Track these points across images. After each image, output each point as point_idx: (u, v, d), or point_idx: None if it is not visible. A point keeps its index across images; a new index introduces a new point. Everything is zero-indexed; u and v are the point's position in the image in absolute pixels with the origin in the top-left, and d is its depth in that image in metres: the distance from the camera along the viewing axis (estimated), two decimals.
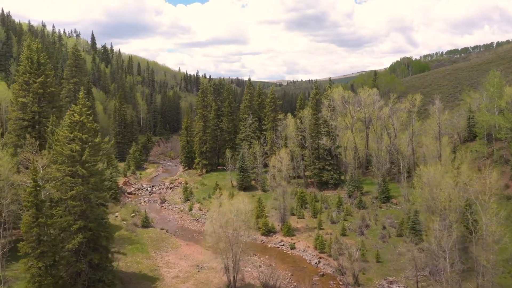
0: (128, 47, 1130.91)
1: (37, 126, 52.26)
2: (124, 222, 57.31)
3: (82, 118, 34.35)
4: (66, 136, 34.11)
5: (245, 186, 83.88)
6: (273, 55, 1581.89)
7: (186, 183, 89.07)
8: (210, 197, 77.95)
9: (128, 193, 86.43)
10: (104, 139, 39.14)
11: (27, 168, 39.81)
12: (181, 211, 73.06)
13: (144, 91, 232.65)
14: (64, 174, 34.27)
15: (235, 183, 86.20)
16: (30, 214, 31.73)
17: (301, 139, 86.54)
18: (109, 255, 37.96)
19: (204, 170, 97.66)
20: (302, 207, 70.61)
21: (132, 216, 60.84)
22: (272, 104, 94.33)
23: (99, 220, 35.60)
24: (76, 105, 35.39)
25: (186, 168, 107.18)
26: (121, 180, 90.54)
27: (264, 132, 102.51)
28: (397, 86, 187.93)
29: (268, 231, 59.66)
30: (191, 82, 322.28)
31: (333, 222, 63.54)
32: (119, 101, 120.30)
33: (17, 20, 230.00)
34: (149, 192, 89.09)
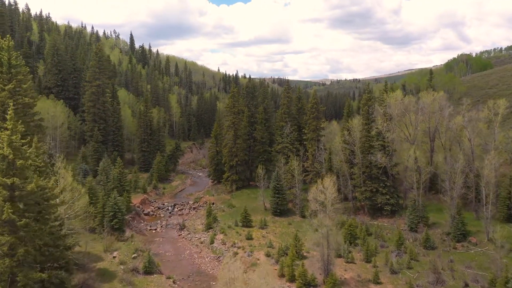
0: (173, 48, 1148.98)
1: None
2: (122, 267, 44.91)
3: (8, 152, 21.65)
4: None
5: (280, 210, 69.76)
6: (316, 54, 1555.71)
7: (211, 204, 76.27)
8: (237, 225, 64.58)
9: (145, 214, 74.77)
10: (50, 181, 26.74)
11: None
12: (201, 243, 60.04)
13: (180, 92, 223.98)
14: None
15: (268, 206, 72.31)
16: None
17: (349, 154, 71.17)
18: None
19: (233, 187, 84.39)
20: (351, 244, 55.60)
21: (134, 258, 48.31)
22: (313, 110, 79.32)
23: None
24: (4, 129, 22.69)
25: (215, 182, 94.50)
26: (138, 198, 79.15)
27: (304, 142, 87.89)
28: (457, 87, 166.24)
29: (307, 284, 45.18)
30: (230, 83, 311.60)
31: (393, 272, 47.99)
32: (144, 105, 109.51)
33: (60, 22, 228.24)
34: (170, 212, 77.04)
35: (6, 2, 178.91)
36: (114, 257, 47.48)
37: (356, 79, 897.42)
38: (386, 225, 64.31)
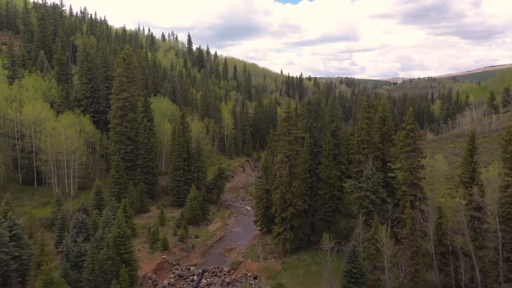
0: (239, 48, 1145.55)
1: None
2: None
3: None
4: None
5: None
6: (385, 51, 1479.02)
7: (254, 279, 51.95)
8: None
9: None
10: None
11: None
12: None
13: (238, 98, 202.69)
14: None
15: None
16: None
17: (476, 224, 42.92)
18: None
19: (287, 248, 58.94)
20: None
21: None
22: (410, 141, 50.98)
23: None
24: None
25: (264, 230, 70.22)
26: (153, 262, 56.95)
27: (391, 182, 60.51)
28: None
29: None
30: (293, 86, 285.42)
31: None
32: (181, 122, 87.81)
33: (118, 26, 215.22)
34: (195, 286, 53.73)
35: (51, 3, 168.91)
36: None
37: (431, 78, 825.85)
38: None
